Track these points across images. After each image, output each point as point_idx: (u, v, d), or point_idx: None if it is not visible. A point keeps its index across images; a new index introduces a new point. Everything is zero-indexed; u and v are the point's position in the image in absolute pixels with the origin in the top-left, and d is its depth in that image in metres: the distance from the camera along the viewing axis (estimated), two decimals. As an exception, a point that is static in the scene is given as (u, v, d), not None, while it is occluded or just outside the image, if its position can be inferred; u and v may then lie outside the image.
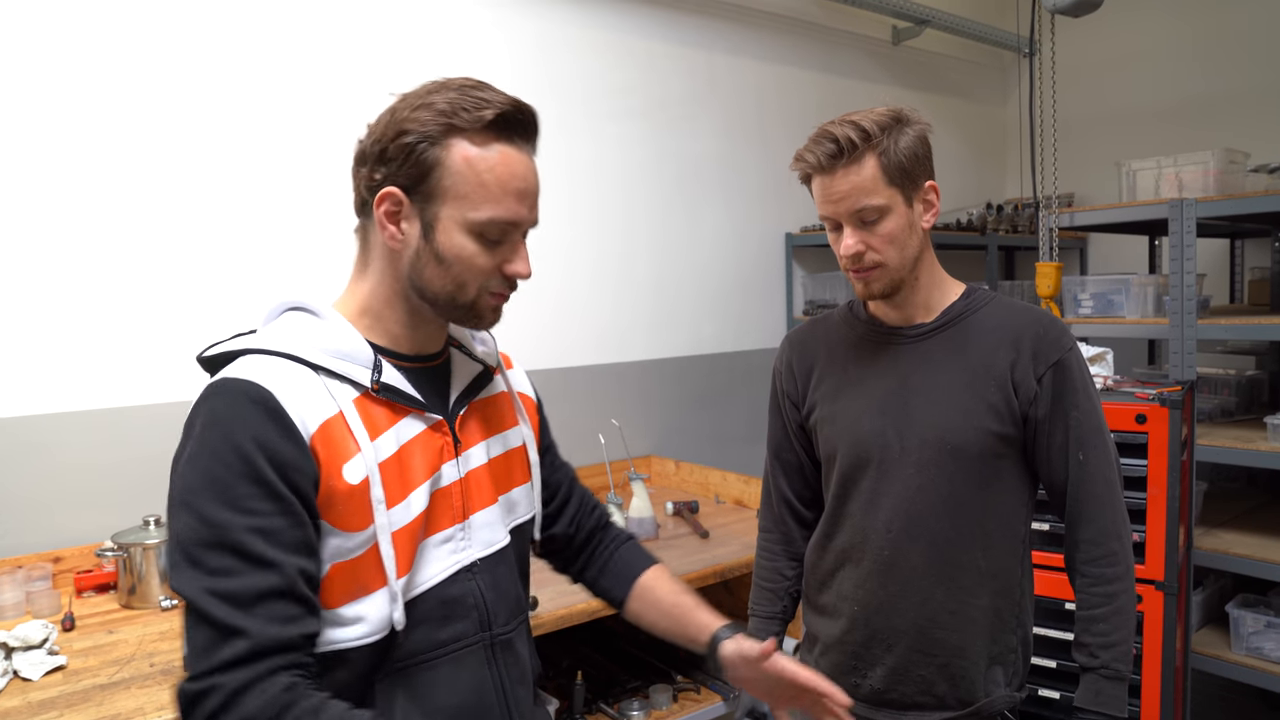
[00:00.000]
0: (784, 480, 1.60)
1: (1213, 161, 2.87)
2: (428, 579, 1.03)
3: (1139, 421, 2.21)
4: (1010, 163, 4.94)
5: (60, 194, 2.19)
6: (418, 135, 0.97)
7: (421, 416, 1.04)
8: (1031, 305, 1.44)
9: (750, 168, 3.73)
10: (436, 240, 0.99)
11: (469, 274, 1.01)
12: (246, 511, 0.88)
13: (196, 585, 0.86)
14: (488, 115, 0.97)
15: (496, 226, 1.00)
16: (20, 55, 2.13)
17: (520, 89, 1.06)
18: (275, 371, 0.95)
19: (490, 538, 1.11)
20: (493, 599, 1.09)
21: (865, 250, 1.34)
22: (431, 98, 0.99)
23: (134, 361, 2.29)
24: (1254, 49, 3.98)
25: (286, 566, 0.88)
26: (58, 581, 2.12)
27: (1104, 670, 1.35)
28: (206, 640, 0.86)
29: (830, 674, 1.48)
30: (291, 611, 0.89)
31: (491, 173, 0.98)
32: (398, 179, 0.99)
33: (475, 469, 1.10)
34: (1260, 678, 2.58)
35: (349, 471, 0.95)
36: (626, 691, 2.35)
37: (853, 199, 1.31)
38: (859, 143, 1.29)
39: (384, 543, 0.97)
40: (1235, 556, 2.61)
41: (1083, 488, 1.37)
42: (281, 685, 0.86)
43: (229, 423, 0.90)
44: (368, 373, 1.00)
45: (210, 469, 0.89)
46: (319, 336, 0.99)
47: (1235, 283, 3.92)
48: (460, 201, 0.98)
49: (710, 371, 3.62)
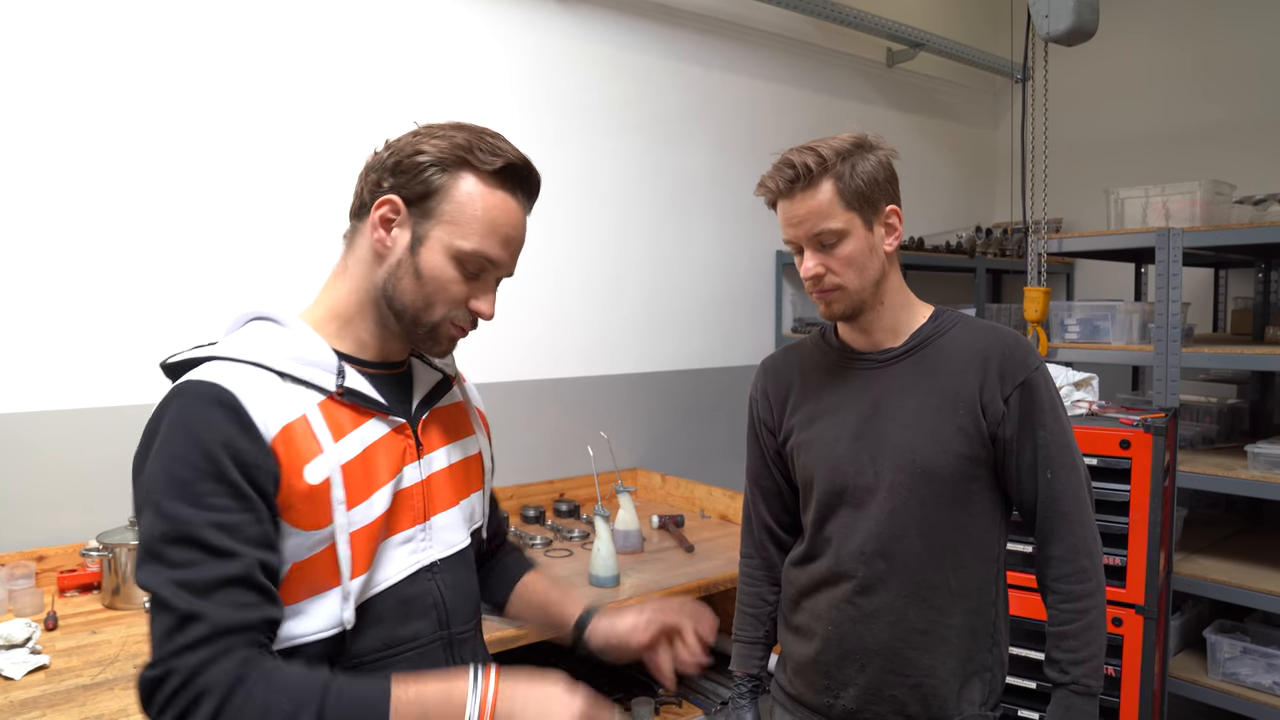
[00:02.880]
0: (764, 506, 1.62)
1: (1199, 192, 2.92)
2: (387, 578, 1.05)
3: (1123, 447, 2.24)
4: (1000, 187, 5.00)
5: (46, 194, 2.19)
6: (432, 158, 1.04)
7: (385, 419, 1.07)
8: (998, 325, 1.46)
9: (743, 184, 3.75)
10: (421, 256, 1.04)
11: (440, 296, 1.05)
12: (208, 507, 0.90)
13: (159, 578, 0.89)
14: (499, 163, 1.05)
15: (478, 260, 1.05)
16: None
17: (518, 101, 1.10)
18: (238, 375, 0.97)
19: (451, 539, 1.15)
20: (453, 599, 1.12)
21: (825, 272, 1.38)
22: (453, 133, 1.06)
23: (120, 361, 2.29)
24: (1241, 82, 4.05)
25: (246, 557, 0.91)
26: (41, 580, 2.10)
27: (1074, 686, 1.36)
28: (167, 628, 0.88)
29: (804, 694, 1.51)
30: (249, 599, 0.91)
31: (488, 211, 1.05)
32: (402, 190, 1.05)
33: (437, 472, 1.14)
34: (1235, 703, 2.61)
35: (310, 472, 0.97)
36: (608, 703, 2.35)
37: (810, 222, 1.35)
38: (814, 168, 1.33)
39: (341, 543, 0.99)
40: (1213, 583, 2.64)
41: (1052, 506, 1.38)
42: (238, 659, 0.88)
43: (192, 423, 0.93)
44: (332, 377, 1.03)
45: (172, 468, 0.91)
46: (283, 344, 1.02)
47: (1218, 312, 3.98)
48: (453, 227, 1.04)
49: (698, 386, 3.63)
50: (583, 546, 2.61)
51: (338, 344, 1.07)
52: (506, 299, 2.86)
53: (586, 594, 2.18)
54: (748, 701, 1.59)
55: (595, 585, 2.24)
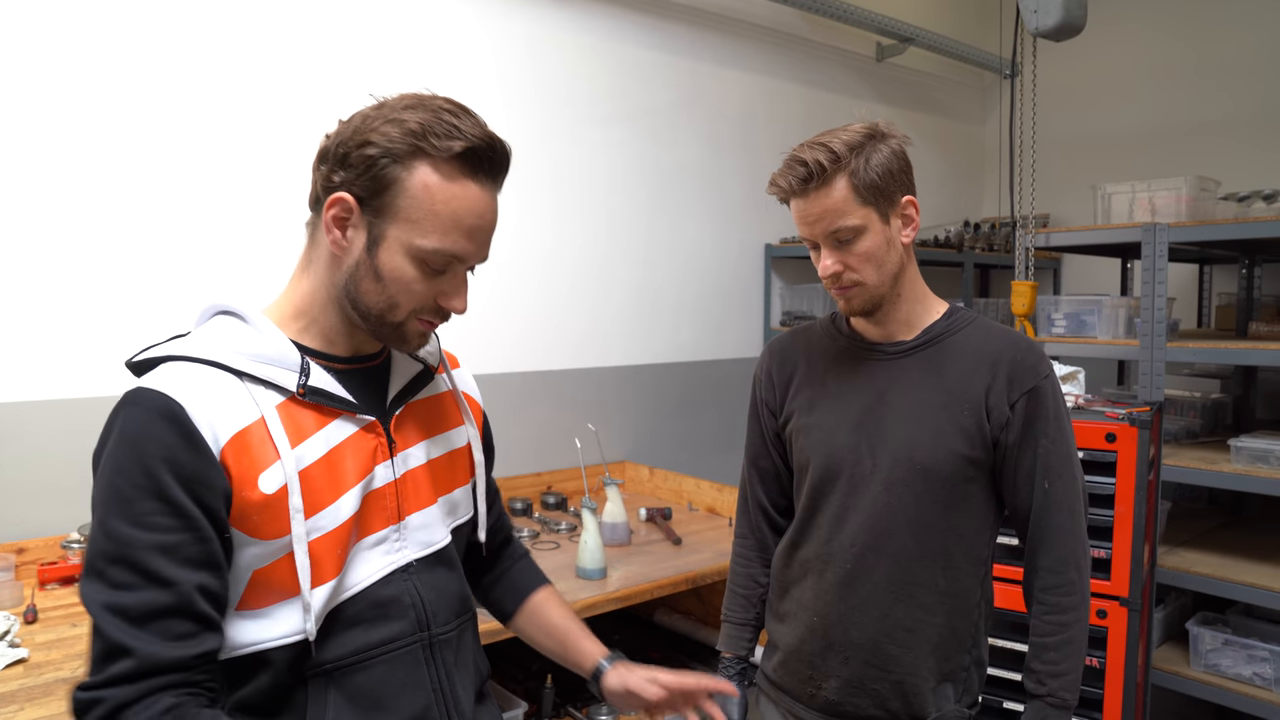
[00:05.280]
0: (760, 488, 1.61)
1: (1185, 188, 2.93)
2: (359, 581, 1.02)
3: (1109, 440, 2.25)
4: (989, 182, 5.01)
5: (29, 186, 2.16)
6: (382, 150, 0.95)
7: (353, 418, 1.03)
8: (1011, 329, 1.45)
9: (732, 178, 3.76)
10: (378, 257, 0.98)
11: (404, 297, 1.00)
12: (148, 527, 0.88)
13: (96, 599, 0.88)
14: (456, 147, 0.96)
15: (440, 257, 0.99)
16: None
17: (506, 92, 1.07)
18: (191, 381, 0.93)
19: (428, 538, 1.10)
20: (431, 599, 1.08)
21: (843, 270, 1.36)
22: (405, 114, 0.96)
23: (101, 351, 2.26)
24: (1228, 80, 4.08)
25: (184, 584, 0.88)
26: (21, 573, 2.08)
27: (1050, 698, 1.36)
28: (99, 653, 0.87)
29: (787, 683, 1.50)
30: (184, 629, 0.89)
31: (447, 205, 0.97)
32: (353, 187, 0.97)
33: (413, 469, 1.10)
34: (1217, 694, 2.63)
35: (265, 481, 0.94)
36: (595, 697, 2.35)
37: (827, 221, 1.33)
38: (828, 165, 1.30)
39: (299, 552, 0.95)
40: (1196, 575, 2.66)
41: (1047, 515, 1.37)
42: (164, 705, 0.86)
43: (137, 438, 0.90)
44: (294, 376, 0.99)
45: (115, 483, 0.89)
46: (242, 342, 0.98)
47: (1203, 308, 4.00)
48: (410, 225, 0.97)
49: (687, 379, 3.63)
50: (570, 539, 2.61)
51: (305, 340, 1.03)
52: (494, 291, 2.88)
53: (574, 586, 2.17)
54: (736, 684, 1.57)
55: (583, 577, 2.24)
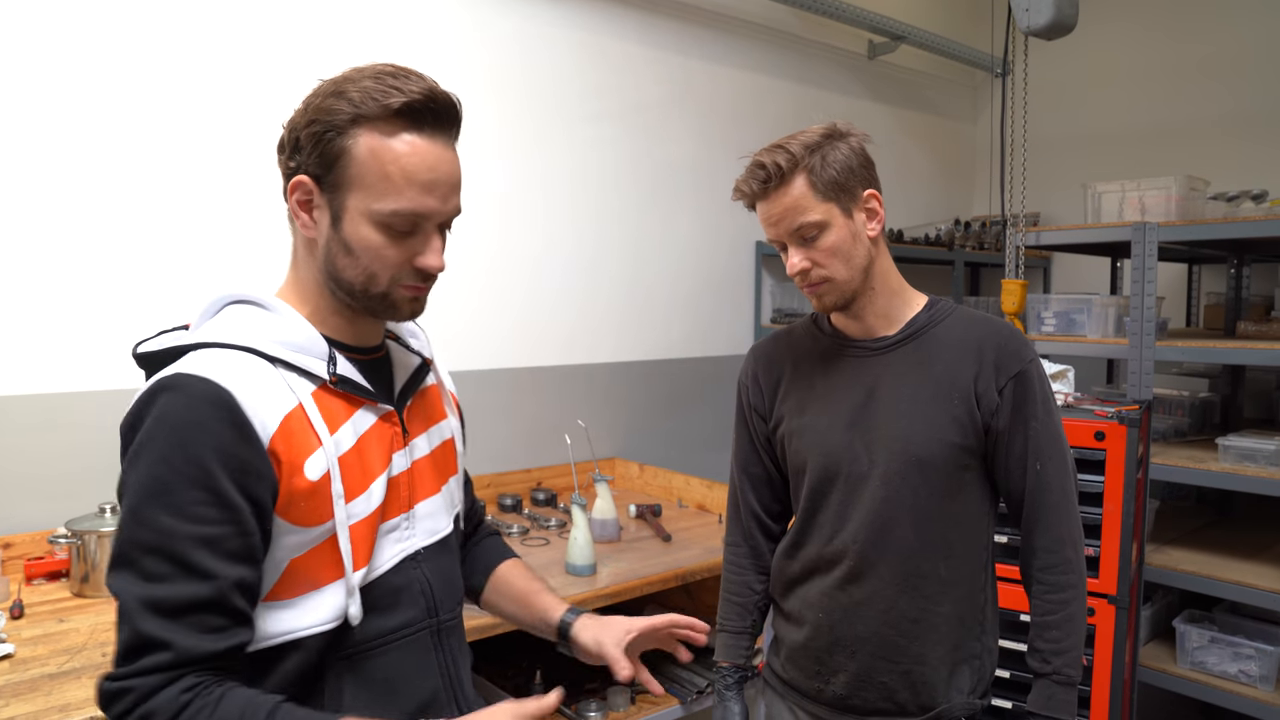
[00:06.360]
0: (752, 494, 1.60)
1: (1174, 187, 2.94)
2: (376, 568, 1.04)
3: (1098, 438, 2.26)
4: (979, 180, 5.02)
5: (11, 181, 2.14)
6: (325, 124, 0.96)
7: (374, 408, 1.05)
8: (993, 317, 1.46)
9: (723, 174, 3.75)
10: (344, 231, 0.98)
11: (378, 265, 0.99)
12: (190, 518, 0.87)
13: (130, 590, 0.86)
14: (394, 104, 0.95)
15: (402, 218, 0.97)
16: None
17: (496, 87, 1.06)
18: (234, 367, 0.92)
19: (433, 526, 1.12)
20: (439, 585, 1.11)
21: (811, 266, 1.38)
22: (344, 85, 0.97)
23: (89, 345, 2.25)
24: (1217, 80, 4.09)
25: (222, 578, 0.88)
26: (7, 568, 2.06)
27: (1055, 676, 1.38)
28: (132, 645, 0.86)
29: (795, 678, 1.51)
30: (219, 623, 0.88)
31: (396, 164, 0.96)
32: (309, 167, 0.98)
33: (420, 459, 1.12)
34: (1203, 691, 2.65)
35: (310, 468, 0.94)
36: (584, 692, 2.35)
37: (789, 219, 1.35)
38: (785, 166, 1.33)
39: (342, 537, 0.97)
40: (1183, 573, 2.68)
41: (1039, 496, 1.40)
42: (184, 685, 0.86)
43: (184, 425, 0.88)
44: (324, 364, 0.99)
45: (158, 472, 0.87)
46: (273, 329, 0.98)
47: (1191, 307, 4.03)
48: (365, 192, 0.96)
49: (677, 376, 3.63)
50: (560, 535, 2.60)
51: (321, 329, 1.03)
52: (485, 287, 2.87)
53: (563, 582, 2.17)
54: (734, 693, 1.56)
55: (572, 574, 2.23)
